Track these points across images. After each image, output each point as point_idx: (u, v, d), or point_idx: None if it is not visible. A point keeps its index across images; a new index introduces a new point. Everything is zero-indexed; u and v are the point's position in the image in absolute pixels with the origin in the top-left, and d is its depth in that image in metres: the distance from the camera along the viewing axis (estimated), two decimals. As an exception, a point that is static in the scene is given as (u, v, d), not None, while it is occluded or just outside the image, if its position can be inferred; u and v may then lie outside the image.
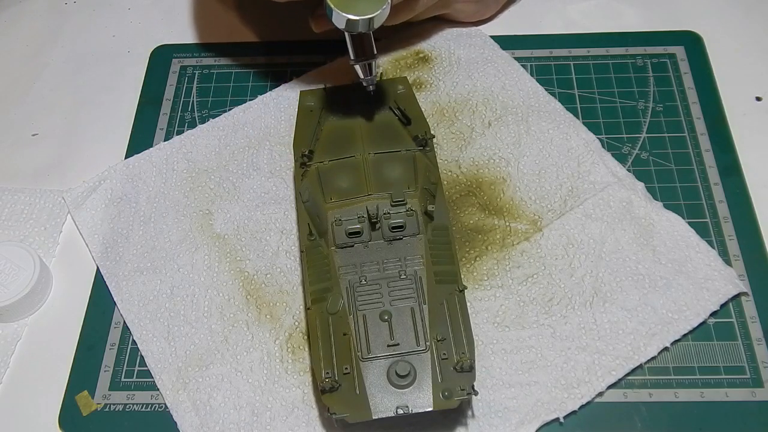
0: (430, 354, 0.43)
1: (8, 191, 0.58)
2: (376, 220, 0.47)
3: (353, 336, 0.44)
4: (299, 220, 0.49)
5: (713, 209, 0.55)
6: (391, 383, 0.43)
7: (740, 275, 0.52)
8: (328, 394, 0.43)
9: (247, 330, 0.51)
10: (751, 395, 0.48)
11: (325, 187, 0.49)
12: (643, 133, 0.59)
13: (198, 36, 0.68)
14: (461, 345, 0.44)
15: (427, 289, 0.46)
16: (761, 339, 0.49)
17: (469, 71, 0.61)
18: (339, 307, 0.45)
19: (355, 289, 0.46)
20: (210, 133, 0.60)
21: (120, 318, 0.52)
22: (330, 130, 0.52)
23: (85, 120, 0.63)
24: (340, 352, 0.44)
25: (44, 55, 0.68)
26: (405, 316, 0.45)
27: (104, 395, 0.49)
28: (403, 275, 0.46)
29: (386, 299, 0.45)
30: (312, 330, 0.45)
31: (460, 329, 0.44)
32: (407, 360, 0.43)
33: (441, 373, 0.43)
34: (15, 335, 0.52)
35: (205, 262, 0.54)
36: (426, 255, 0.47)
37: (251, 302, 0.52)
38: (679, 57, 0.63)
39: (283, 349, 0.50)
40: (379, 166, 0.50)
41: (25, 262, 0.52)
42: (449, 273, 0.47)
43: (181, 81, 0.64)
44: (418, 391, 0.43)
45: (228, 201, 0.56)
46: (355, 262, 0.47)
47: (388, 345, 0.44)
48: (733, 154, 0.57)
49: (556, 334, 0.49)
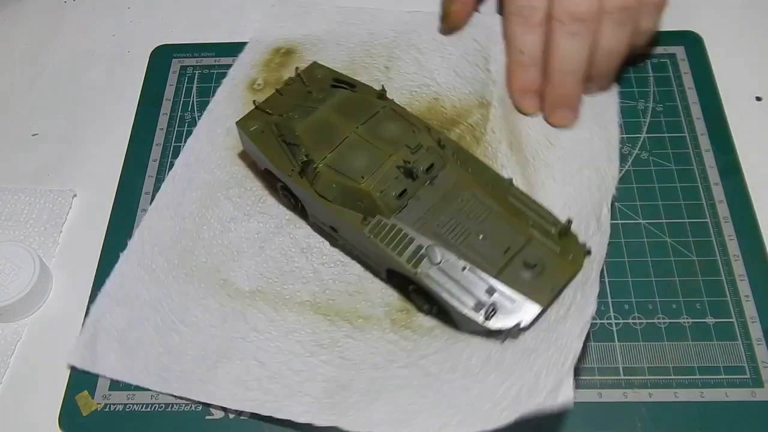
0: (536, 239, 0.48)
1: (8, 191, 0.58)
2: (412, 171, 0.49)
3: (475, 265, 0.47)
4: (337, 215, 0.50)
5: (713, 209, 0.55)
6: (529, 278, 0.46)
7: (740, 275, 0.52)
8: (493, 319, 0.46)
9: (355, 342, 0.50)
10: (751, 395, 0.48)
11: (348, 173, 0.49)
12: (643, 133, 0.59)
13: (198, 36, 0.68)
14: (548, 218, 0.49)
15: (492, 198, 0.49)
16: (761, 339, 0.49)
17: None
18: (440, 257, 0.47)
19: (442, 234, 0.48)
20: (163, 212, 0.55)
21: (120, 318, 0.52)
22: (302, 132, 0.51)
23: (85, 120, 0.63)
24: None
25: (44, 55, 0.68)
26: (494, 226, 0.48)
27: (104, 395, 0.49)
28: (462, 200, 0.49)
29: (469, 225, 0.48)
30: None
31: (534, 207, 0.50)
32: (522, 256, 0.47)
33: (554, 246, 0.48)
34: (15, 335, 0.52)
35: (262, 321, 0.50)
36: (464, 174, 0.50)
37: (338, 321, 0.51)
38: (679, 57, 0.63)
39: (401, 334, 0.50)
40: (373, 131, 0.51)
41: (25, 262, 0.52)
42: (490, 176, 0.51)
43: (181, 81, 0.64)
44: (552, 269, 0.47)
45: (230, 260, 0.53)
46: (420, 215, 0.48)
47: (504, 252, 0.47)
48: (733, 154, 0.57)
49: None
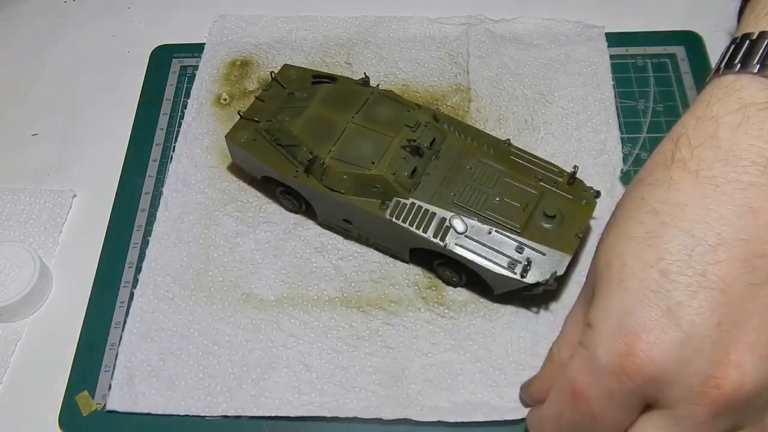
0: (548, 191, 0.49)
1: (8, 191, 0.58)
2: (419, 148, 0.49)
3: (499, 227, 0.48)
4: (354, 206, 0.49)
5: (713, 209, 0.54)
6: (552, 229, 0.48)
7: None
8: (529, 274, 0.47)
9: (394, 328, 0.50)
10: (751, 395, 0.47)
11: (357, 162, 0.49)
12: (644, 134, 0.59)
13: (198, 36, 0.68)
14: (552, 169, 0.51)
15: (496, 160, 0.50)
16: (761, 339, 0.49)
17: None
18: (465, 226, 0.48)
19: (460, 203, 0.49)
20: (165, 241, 0.54)
21: (120, 318, 0.52)
22: (299, 131, 0.51)
23: (85, 120, 0.63)
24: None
25: (44, 55, 0.68)
26: (507, 186, 0.49)
27: (104, 395, 0.49)
28: (470, 167, 0.50)
29: (483, 189, 0.49)
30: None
31: (537, 162, 0.51)
32: (540, 209, 0.48)
33: (566, 194, 0.49)
34: (15, 335, 0.52)
35: (297, 326, 0.50)
36: (466, 143, 0.51)
37: (371, 310, 0.51)
38: (679, 57, 0.63)
39: (436, 312, 0.50)
40: (370, 117, 0.51)
41: (25, 262, 0.52)
42: (489, 140, 0.52)
43: (181, 81, 0.64)
44: (571, 216, 0.48)
45: (248, 273, 0.53)
46: (435, 190, 0.49)
47: (523, 209, 0.48)
48: (733, 154, 0.57)
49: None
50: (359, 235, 0.53)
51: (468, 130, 0.53)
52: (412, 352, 0.49)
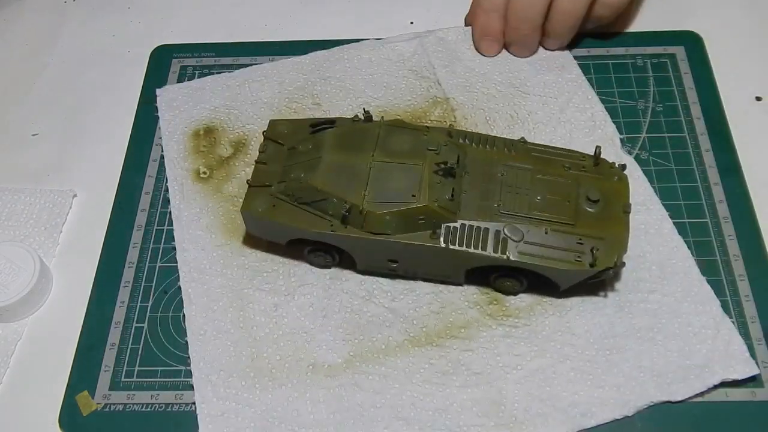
0: (582, 177, 0.50)
1: (8, 191, 0.58)
2: (452, 169, 0.48)
3: (552, 225, 0.48)
4: (403, 244, 0.48)
5: (713, 209, 0.55)
6: (600, 212, 0.49)
7: (740, 275, 0.52)
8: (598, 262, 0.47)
9: (473, 353, 0.49)
10: (751, 395, 0.47)
11: (397, 199, 0.47)
12: (643, 133, 0.59)
13: (198, 36, 0.68)
14: (574, 156, 0.51)
15: (521, 161, 0.50)
16: (761, 339, 0.49)
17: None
18: (521, 233, 0.48)
19: (509, 212, 0.48)
20: (204, 337, 0.50)
21: (120, 318, 0.52)
22: (323, 184, 0.48)
23: (85, 120, 0.63)
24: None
25: (44, 55, 0.68)
26: (543, 183, 0.49)
27: (104, 395, 0.49)
28: (501, 174, 0.50)
29: (523, 192, 0.49)
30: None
31: (557, 152, 0.52)
32: (582, 197, 0.49)
33: (597, 175, 0.50)
34: (15, 335, 0.52)
35: (378, 381, 0.48)
36: (487, 152, 0.51)
37: (444, 342, 0.50)
38: (679, 57, 0.63)
39: (507, 324, 0.50)
40: (391, 151, 0.49)
41: (25, 262, 0.52)
42: (505, 143, 0.52)
43: (181, 81, 0.64)
44: (611, 195, 0.49)
45: (304, 343, 0.50)
46: (478, 204, 0.49)
47: (567, 202, 0.48)
48: (733, 154, 0.57)
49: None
50: (405, 271, 0.52)
51: (483, 138, 0.52)
52: (501, 371, 0.48)
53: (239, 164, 0.58)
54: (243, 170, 0.58)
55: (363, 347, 0.50)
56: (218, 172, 0.58)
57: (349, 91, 0.62)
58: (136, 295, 0.53)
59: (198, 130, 0.61)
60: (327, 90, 0.62)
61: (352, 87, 0.62)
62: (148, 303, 0.53)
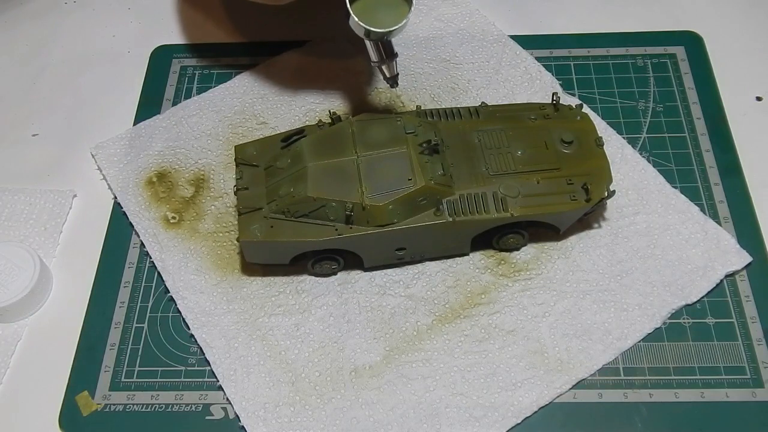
0: (551, 124, 0.53)
1: (8, 191, 0.58)
2: (436, 146, 0.50)
3: (541, 173, 0.50)
4: (411, 228, 0.49)
5: (713, 209, 0.55)
6: (576, 150, 0.52)
7: (740, 275, 0.52)
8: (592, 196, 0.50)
9: (501, 314, 0.51)
10: (752, 395, 0.48)
11: (395, 187, 0.48)
12: (644, 134, 0.59)
13: (198, 36, 0.68)
14: (534, 107, 0.54)
15: (490, 123, 0.53)
16: (761, 339, 0.49)
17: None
18: (516, 188, 0.50)
19: (498, 173, 0.50)
20: (236, 376, 0.50)
21: (120, 318, 0.52)
22: (317, 192, 0.48)
23: (85, 120, 0.63)
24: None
25: (44, 55, 0.68)
26: (519, 138, 0.52)
27: (104, 395, 0.49)
28: (478, 140, 0.52)
29: (504, 151, 0.51)
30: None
31: (518, 107, 0.54)
32: (556, 141, 0.52)
33: (562, 120, 0.53)
34: (15, 335, 0.52)
35: (421, 366, 0.49)
36: (458, 123, 0.53)
37: (470, 311, 0.51)
38: (679, 57, 0.63)
39: (521, 279, 0.52)
40: (372, 143, 0.50)
41: (25, 262, 0.52)
42: (468, 111, 0.54)
43: (181, 81, 0.64)
44: (581, 132, 0.52)
45: (338, 352, 0.50)
46: (469, 173, 0.50)
47: (546, 149, 0.51)
48: (733, 154, 0.57)
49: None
50: (413, 256, 0.52)
51: (448, 111, 0.54)
52: (532, 322, 0.50)
53: (206, 200, 0.57)
54: (212, 205, 0.56)
55: (396, 339, 0.50)
56: (187, 213, 0.56)
57: (291, 103, 0.62)
58: (136, 295, 0.53)
59: (150, 178, 0.58)
60: (268, 107, 0.62)
61: (291, 98, 0.62)
62: (148, 303, 0.53)
